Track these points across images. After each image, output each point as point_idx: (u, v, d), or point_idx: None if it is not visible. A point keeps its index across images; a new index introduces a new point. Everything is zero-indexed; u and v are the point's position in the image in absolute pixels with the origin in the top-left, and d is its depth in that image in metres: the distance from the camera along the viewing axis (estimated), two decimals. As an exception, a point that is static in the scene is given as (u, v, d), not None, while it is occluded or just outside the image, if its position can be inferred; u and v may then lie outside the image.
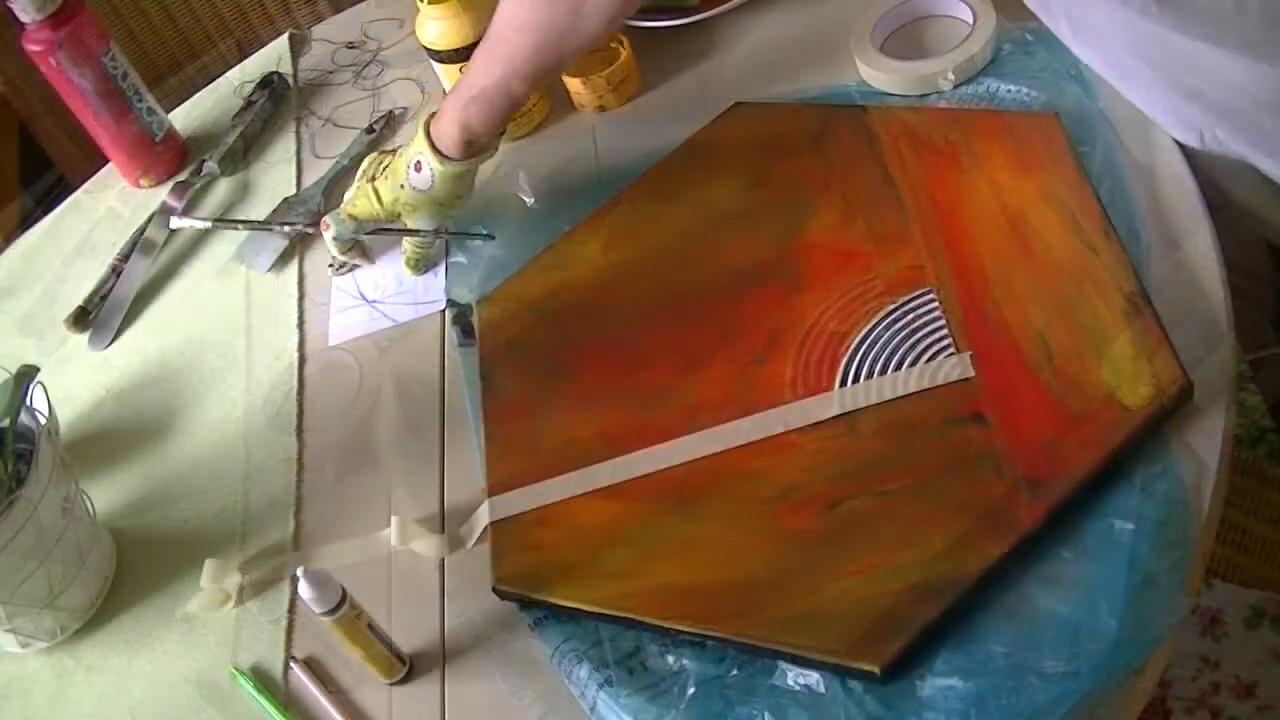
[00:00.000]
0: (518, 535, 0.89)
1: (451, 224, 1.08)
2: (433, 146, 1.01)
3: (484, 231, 1.09)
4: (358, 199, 1.09)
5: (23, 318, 1.28)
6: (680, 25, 1.17)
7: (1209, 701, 1.10)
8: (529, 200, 1.11)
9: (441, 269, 1.11)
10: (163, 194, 1.29)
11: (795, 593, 0.79)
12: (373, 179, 1.08)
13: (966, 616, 0.75)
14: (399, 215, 1.07)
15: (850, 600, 0.77)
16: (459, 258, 1.10)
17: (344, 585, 0.81)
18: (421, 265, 1.11)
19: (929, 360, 0.86)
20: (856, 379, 0.88)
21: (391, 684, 0.87)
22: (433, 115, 1.02)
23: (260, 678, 0.91)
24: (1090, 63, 0.95)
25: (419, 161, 1.03)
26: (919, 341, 0.87)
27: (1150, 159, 0.92)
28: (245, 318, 1.16)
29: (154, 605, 0.98)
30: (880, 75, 1.05)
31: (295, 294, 1.16)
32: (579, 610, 0.84)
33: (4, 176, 1.74)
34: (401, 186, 1.05)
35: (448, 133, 1.01)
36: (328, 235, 1.11)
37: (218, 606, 0.96)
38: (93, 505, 1.01)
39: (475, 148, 1.02)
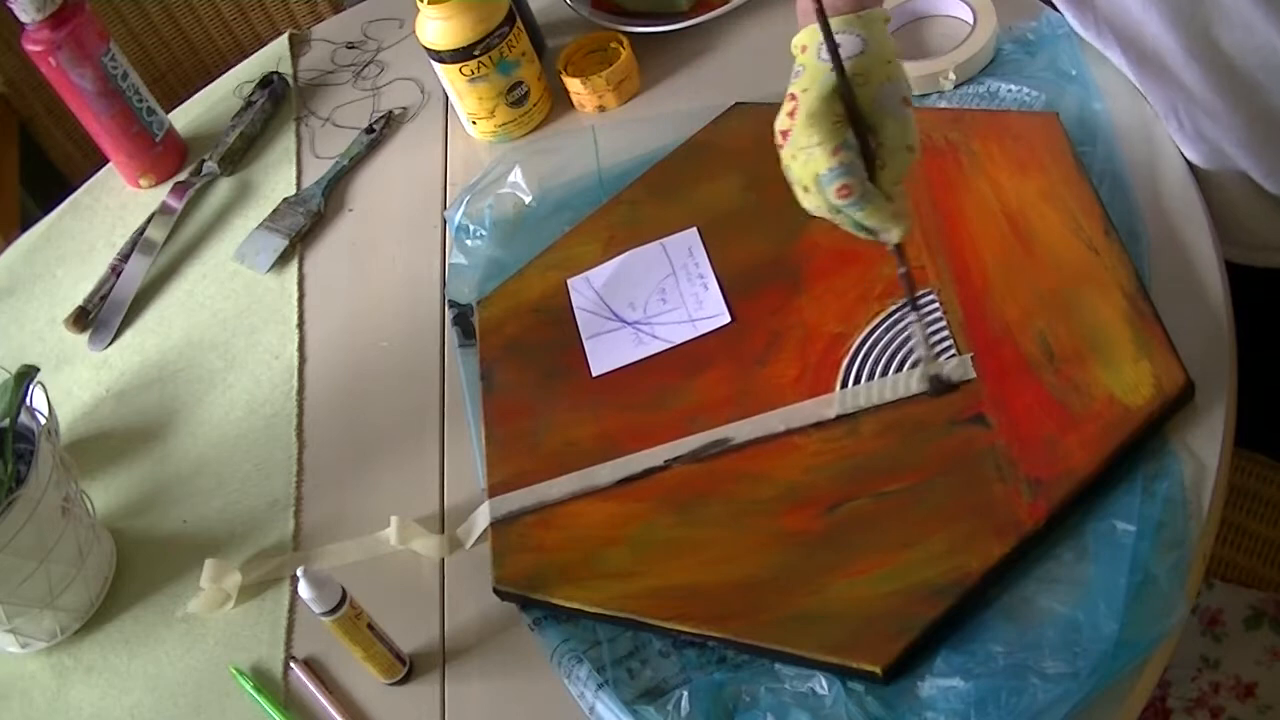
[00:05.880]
0: (518, 536, 0.89)
1: (909, 89, 0.82)
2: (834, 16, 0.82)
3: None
4: (805, 128, 0.80)
5: (23, 318, 1.28)
6: (678, 29, 1.17)
7: (1209, 701, 1.10)
8: (529, 200, 1.11)
9: (713, 281, 0.96)
10: (163, 194, 1.29)
11: (796, 594, 0.79)
12: (790, 114, 0.82)
13: (967, 617, 0.75)
14: (857, 90, 0.79)
15: (851, 601, 0.77)
16: (459, 258, 1.10)
17: (344, 585, 0.81)
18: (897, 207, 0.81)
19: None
20: (858, 380, 0.87)
21: (391, 684, 0.87)
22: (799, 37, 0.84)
23: (260, 678, 0.91)
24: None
25: (835, 41, 0.79)
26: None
27: (1150, 159, 0.92)
28: (245, 318, 1.16)
29: (154, 605, 0.98)
30: (880, 75, 1.04)
31: (295, 294, 1.16)
32: (580, 611, 0.83)
33: (4, 176, 1.74)
34: (832, 70, 0.79)
35: None
36: (850, 202, 0.79)
37: (218, 606, 0.96)
38: (93, 505, 1.01)
39: None
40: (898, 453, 0.83)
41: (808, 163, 0.80)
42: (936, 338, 0.86)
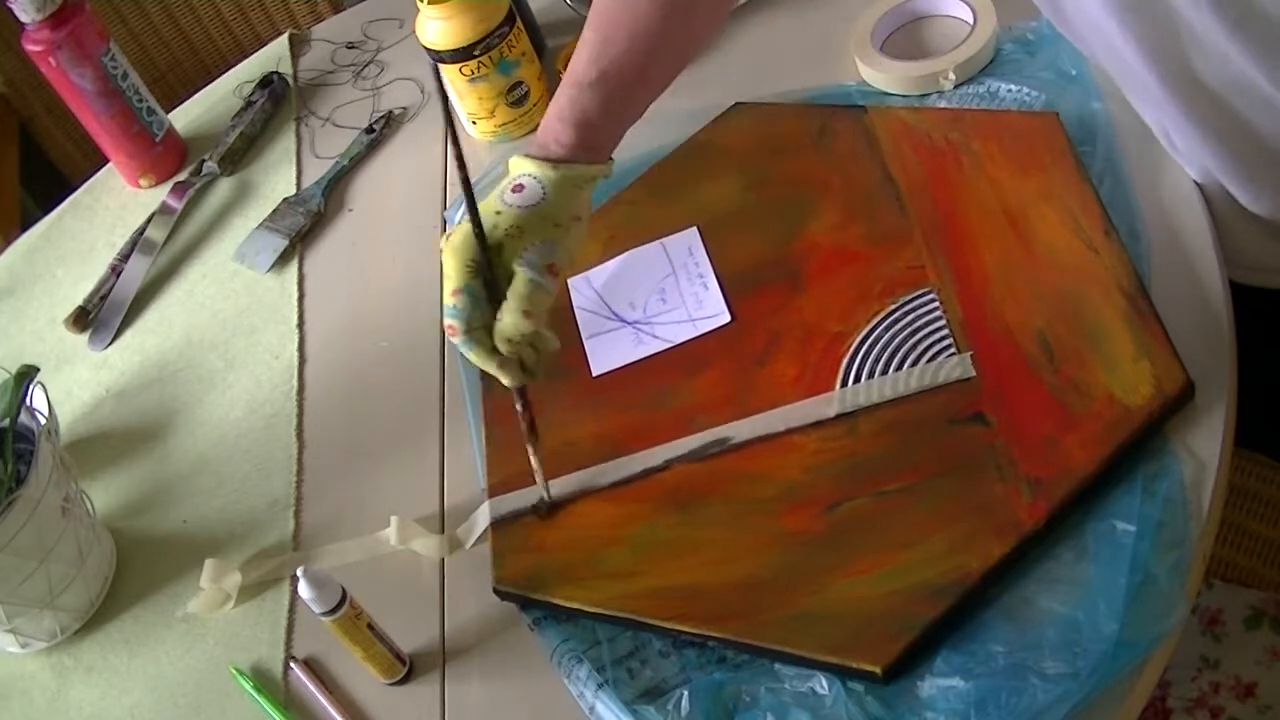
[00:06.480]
0: (518, 536, 0.89)
1: (565, 258, 0.85)
2: (534, 158, 0.87)
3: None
4: (445, 259, 0.84)
5: (23, 318, 1.28)
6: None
7: (1209, 701, 1.10)
8: (529, 200, 1.11)
9: (713, 281, 0.96)
10: (163, 194, 1.29)
11: (796, 594, 0.79)
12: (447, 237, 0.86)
13: (967, 617, 0.75)
14: (499, 248, 0.84)
15: (851, 601, 0.77)
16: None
17: (344, 585, 0.81)
18: (532, 358, 0.86)
19: (930, 360, 0.86)
20: (857, 379, 0.87)
21: (391, 684, 0.87)
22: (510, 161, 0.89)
23: (260, 678, 0.91)
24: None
25: (519, 183, 0.86)
26: (920, 342, 0.87)
27: (1150, 159, 0.92)
28: (245, 318, 1.16)
29: (154, 605, 0.98)
30: (880, 75, 1.05)
31: (295, 294, 1.16)
32: (580, 611, 0.83)
33: (4, 176, 1.74)
34: (499, 213, 0.84)
35: (555, 133, 0.87)
36: (455, 341, 0.85)
37: (218, 606, 0.96)
38: (93, 505, 1.01)
39: (592, 144, 0.88)
40: (898, 452, 0.83)
41: (444, 285, 0.84)
42: (936, 336, 0.87)
